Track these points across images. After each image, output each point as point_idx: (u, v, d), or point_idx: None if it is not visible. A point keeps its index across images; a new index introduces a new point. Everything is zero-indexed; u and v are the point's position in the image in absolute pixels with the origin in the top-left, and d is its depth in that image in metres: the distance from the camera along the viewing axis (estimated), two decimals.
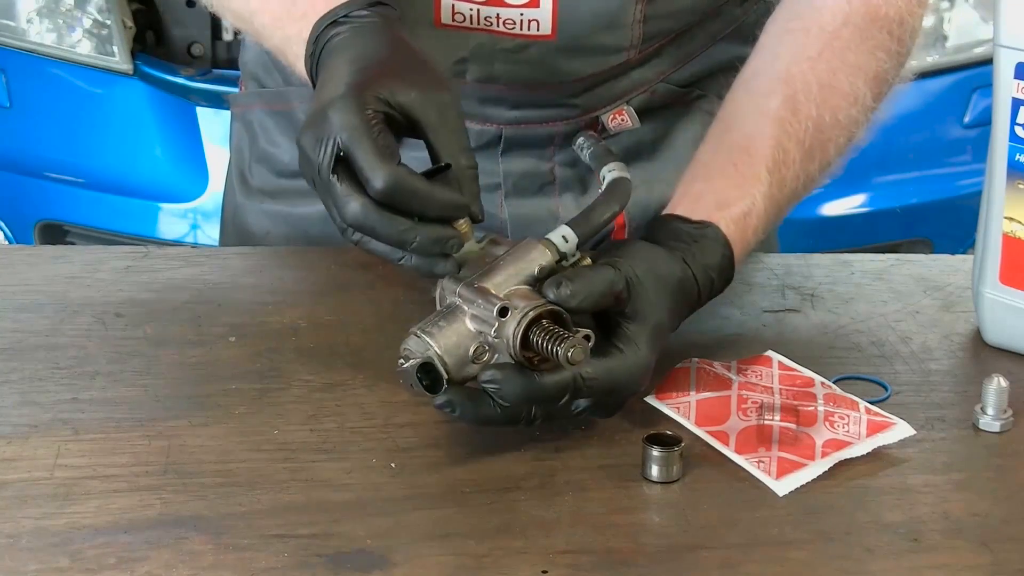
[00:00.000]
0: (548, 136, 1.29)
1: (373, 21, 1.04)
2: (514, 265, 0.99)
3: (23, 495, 0.93)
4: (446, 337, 0.96)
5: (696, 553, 0.89)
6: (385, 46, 1.03)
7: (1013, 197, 1.13)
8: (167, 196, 2.70)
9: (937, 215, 2.76)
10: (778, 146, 1.12)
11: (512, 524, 0.91)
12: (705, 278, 1.05)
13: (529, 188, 1.30)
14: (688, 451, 0.97)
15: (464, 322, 0.97)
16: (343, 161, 0.96)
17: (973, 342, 1.18)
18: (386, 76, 0.99)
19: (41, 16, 2.78)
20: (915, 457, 1.00)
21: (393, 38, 1.04)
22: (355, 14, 1.04)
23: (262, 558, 0.87)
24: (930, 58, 2.76)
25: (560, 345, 0.93)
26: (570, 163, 1.31)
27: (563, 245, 1.00)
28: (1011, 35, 1.10)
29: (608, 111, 1.29)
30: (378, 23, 1.04)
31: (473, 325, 0.97)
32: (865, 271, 1.30)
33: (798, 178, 1.13)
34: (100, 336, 1.14)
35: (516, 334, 0.95)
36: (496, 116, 1.28)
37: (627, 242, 1.15)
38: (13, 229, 2.82)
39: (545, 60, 1.23)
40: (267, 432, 1.01)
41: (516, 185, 1.30)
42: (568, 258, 1.01)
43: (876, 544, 0.90)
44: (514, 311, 0.95)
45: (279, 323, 1.17)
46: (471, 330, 0.97)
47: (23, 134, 2.77)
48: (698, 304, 1.06)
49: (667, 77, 1.30)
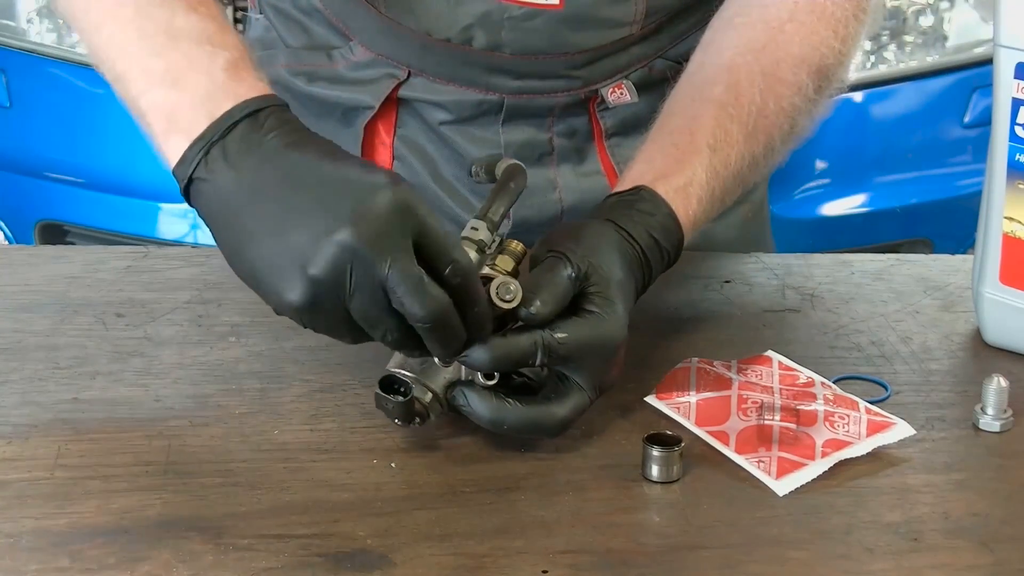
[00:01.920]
0: (548, 107, 1.30)
1: (294, 121, 0.95)
2: None
3: (23, 495, 0.93)
4: (414, 359, 0.98)
5: (696, 553, 0.89)
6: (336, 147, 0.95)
7: (1013, 197, 1.13)
8: (167, 196, 2.69)
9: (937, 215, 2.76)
10: (719, 126, 1.13)
11: (512, 524, 0.91)
12: (646, 238, 1.04)
13: (528, 158, 1.31)
14: (688, 451, 0.97)
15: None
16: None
17: (973, 342, 1.18)
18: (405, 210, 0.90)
19: (41, 16, 2.78)
20: (915, 457, 1.00)
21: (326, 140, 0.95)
22: (277, 110, 0.94)
23: (262, 558, 0.87)
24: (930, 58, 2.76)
25: (488, 289, 0.94)
26: (568, 134, 1.32)
27: (474, 235, 1.00)
28: (1011, 35, 1.10)
29: (608, 85, 1.30)
30: (298, 124, 0.95)
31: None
32: (865, 271, 1.31)
33: (743, 158, 1.13)
34: (100, 336, 1.14)
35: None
36: (500, 85, 1.28)
37: (560, 225, 1.14)
38: (13, 229, 2.82)
39: (551, 30, 1.24)
40: (267, 432, 1.01)
41: (516, 155, 1.30)
42: (488, 245, 1.00)
43: (876, 544, 0.90)
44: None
45: (279, 323, 1.17)
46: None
47: (23, 134, 2.77)
48: (647, 264, 1.04)
49: (664, 52, 1.31)
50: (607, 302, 0.98)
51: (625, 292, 1.00)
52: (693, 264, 1.27)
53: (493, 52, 1.26)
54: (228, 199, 0.92)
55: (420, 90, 1.30)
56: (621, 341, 0.99)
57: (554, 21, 1.24)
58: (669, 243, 1.06)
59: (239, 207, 0.91)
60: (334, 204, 0.88)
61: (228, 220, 0.92)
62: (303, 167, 0.91)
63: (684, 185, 1.09)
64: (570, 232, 1.03)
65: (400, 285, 0.88)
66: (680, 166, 1.10)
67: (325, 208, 0.88)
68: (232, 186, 0.92)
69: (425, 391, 0.97)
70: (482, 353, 0.94)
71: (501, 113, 1.30)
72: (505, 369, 0.96)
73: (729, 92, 1.15)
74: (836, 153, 2.73)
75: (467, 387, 0.97)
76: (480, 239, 1.00)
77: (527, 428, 0.97)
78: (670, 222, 1.06)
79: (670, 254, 1.07)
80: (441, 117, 1.31)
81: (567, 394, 0.97)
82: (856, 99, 2.72)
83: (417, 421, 0.98)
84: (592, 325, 0.97)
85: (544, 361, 0.96)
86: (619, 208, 1.06)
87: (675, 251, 1.07)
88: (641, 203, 1.06)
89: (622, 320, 0.99)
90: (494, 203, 1.02)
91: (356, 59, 1.31)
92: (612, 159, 1.33)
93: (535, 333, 0.95)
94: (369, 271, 0.88)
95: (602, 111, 1.31)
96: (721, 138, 1.12)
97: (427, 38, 1.26)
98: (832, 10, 1.19)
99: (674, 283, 1.13)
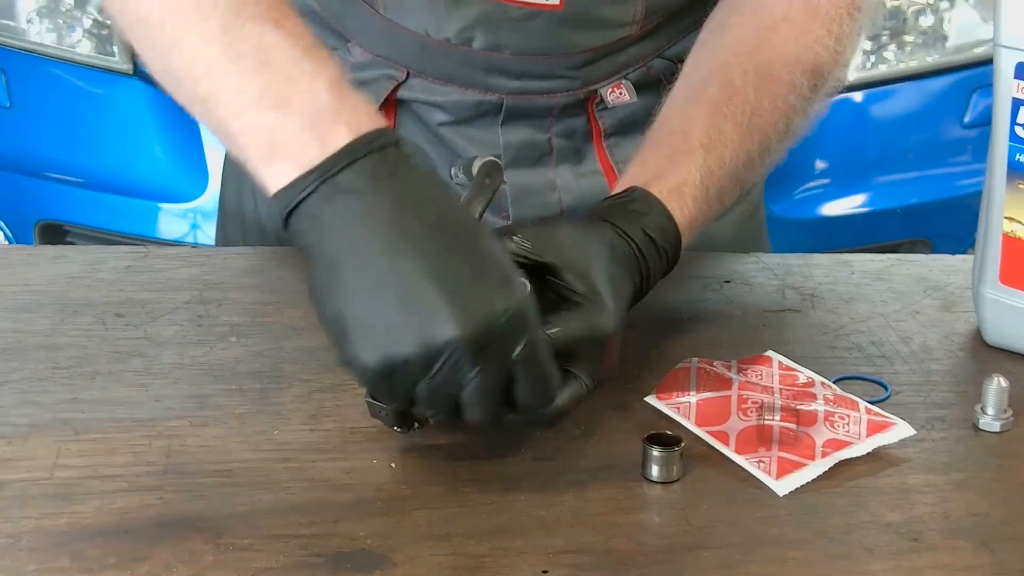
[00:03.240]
0: (547, 107, 1.30)
1: (419, 162, 0.91)
2: None
3: (23, 495, 0.93)
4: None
5: (696, 553, 0.89)
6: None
7: (1013, 197, 1.13)
8: (167, 196, 2.70)
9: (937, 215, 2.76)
10: (712, 126, 1.13)
11: (512, 524, 0.91)
12: (641, 236, 1.04)
13: (527, 159, 1.31)
14: (688, 451, 0.97)
15: None
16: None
17: (973, 342, 1.18)
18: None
19: (41, 16, 2.78)
20: (915, 457, 1.00)
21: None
22: (400, 144, 0.90)
23: (262, 558, 0.87)
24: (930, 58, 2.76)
25: None
26: (567, 134, 1.32)
27: None
28: (1011, 35, 1.10)
29: (607, 85, 1.30)
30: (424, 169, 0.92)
31: None
32: (865, 271, 1.31)
33: (738, 156, 1.13)
34: (100, 336, 1.14)
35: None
36: (499, 86, 1.28)
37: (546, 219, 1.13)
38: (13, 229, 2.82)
39: (551, 31, 1.24)
40: (267, 432, 1.01)
41: (516, 155, 1.30)
42: None
43: (876, 544, 0.90)
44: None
45: (279, 323, 1.17)
46: None
47: (23, 134, 2.77)
48: (644, 262, 1.04)
49: (662, 52, 1.31)
50: (590, 289, 0.97)
51: (615, 283, 1.00)
52: (693, 264, 1.27)
53: (493, 53, 1.26)
54: (346, 236, 0.87)
55: (419, 91, 1.30)
56: (612, 330, 0.98)
57: (554, 21, 1.24)
58: (666, 241, 1.06)
59: (355, 249, 0.87)
60: (461, 296, 0.85)
61: (338, 260, 0.87)
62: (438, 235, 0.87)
63: (678, 185, 1.09)
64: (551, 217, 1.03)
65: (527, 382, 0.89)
66: (674, 166, 1.10)
67: (448, 298, 0.85)
68: (357, 222, 0.87)
69: None
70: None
71: (500, 114, 1.30)
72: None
73: (723, 92, 1.14)
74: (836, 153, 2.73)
75: None
76: None
77: (525, 420, 0.96)
78: (665, 221, 1.06)
79: (668, 252, 1.06)
80: (440, 118, 1.31)
81: (564, 385, 0.96)
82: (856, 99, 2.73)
83: (416, 426, 0.98)
84: (580, 316, 0.97)
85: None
86: (612, 209, 1.06)
87: (673, 250, 1.07)
88: (634, 203, 1.06)
89: (610, 309, 0.98)
90: (472, 202, 1.02)
91: (354, 60, 1.30)
92: (611, 159, 1.33)
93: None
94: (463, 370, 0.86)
95: (601, 111, 1.31)
96: (715, 137, 1.12)
97: (426, 39, 1.26)
98: (826, 8, 1.19)
99: (674, 283, 1.13)
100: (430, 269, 0.86)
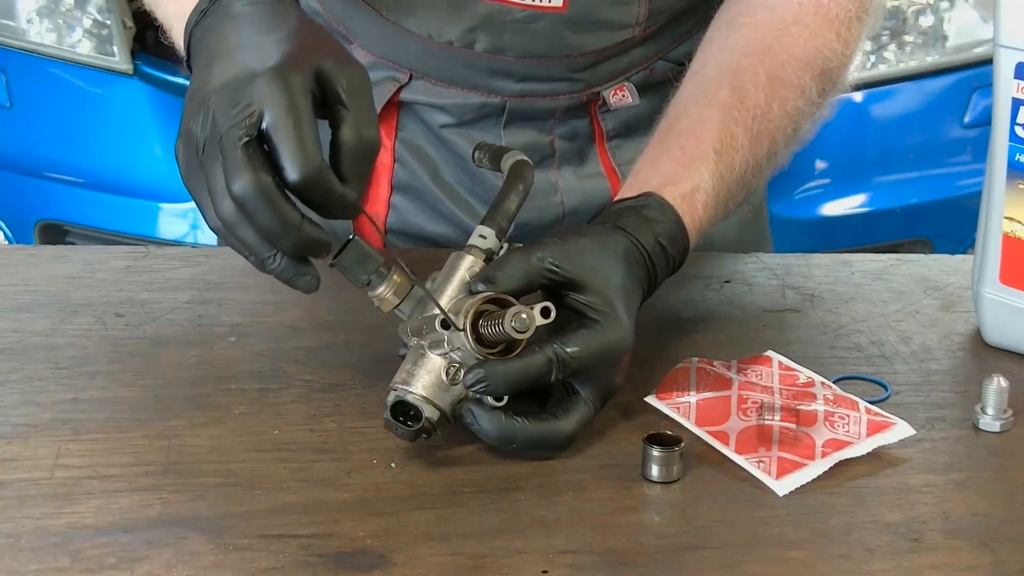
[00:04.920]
0: (550, 110, 1.30)
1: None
2: (448, 283, 1.00)
3: (23, 495, 0.93)
4: (421, 378, 0.97)
5: (696, 553, 0.89)
6: (300, 20, 0.99)
7: (1013, 197, 1.13)
8: (167, 196, 2.70)
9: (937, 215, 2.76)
10: (725, 130, 1.12)
11: (512, 524, 0.91)
12: (653, 244, 1.04)
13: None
14: (688, 451, 0.97)
15: (428, 356, 0.97)
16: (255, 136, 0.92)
17: (973, 342, 1.18)
18: (312, 52, 0.95)
19: (41, 16, 2.78)
20: (915, 457, 1.00)
21: (302, 15, 1.01)
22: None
23: (262, 558, 0.87)
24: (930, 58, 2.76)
25: (503, 321, 0.93)
26: (569, 136, 1.32)
27: (483, 243, 1.00)
28: (1011, 35, 1.10)
29: (609, 87, 1.30)
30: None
31: (435, 352, 0.97)
32: (865, 271, 1.31)
33: (747, 162, 1.13)
34: (100, 336, 1.14)
35: (468, 336, 0.95)
36: (502, 88, 1.28)
37: (559, 227, 1.13)
38: (13, 229, 2.82)
39: (553, 33, 1.24)
40: (267, 432, 1.01)
41: None
42: (496, 253, 1.01)
43: (876, 544, 0.90)
44: (457, 317, 0.95)
45: (279, 323, 1.17)
46: (436, 358, 0.97)
47: (23, 134, 2.77)
48: (653, 270, 1.04)
49: (665, 54, 1.31)
50: (609, 307, 0.98)
51: (629, 298, 1.00)
52: (693, 264, 1.27)
53: (495, 55, 1.26)
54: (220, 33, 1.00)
55: (421, 93, 1.30)
56: (628, 348, 0.99)
57: (557, 24, 1.24)
58: (675, 250, 1.06)
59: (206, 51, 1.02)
60: (243, 57, 0.96)
61: (214, 44, 1.01)
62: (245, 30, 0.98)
63: (691, 191, 1.09)
64: (568, 229, 1.03)
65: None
66: (687, 171, 1.10)
67: (239, 51, 0.97)
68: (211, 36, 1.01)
69: (434, 410, 0.97)
70: (499, 377, 0.94)
71: (503, 116, 1.30)
72: (522, 390, 0.96)
73: (734, 95, 1.14)
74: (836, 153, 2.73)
75: (475, 405, 0.97)
76: (488, 247, 1.00)
77: (536, 445, 0.97)
78: (677, 229, 1.06)
79: (675, 260, 1.07)
80: (442, 120, 1.31)
81: (573, 408, 0.98)
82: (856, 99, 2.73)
83: (424, 436, 0.98)
84: (598, 334, 0.97)
85: (559, 377, 0.96)
86: (626, 214, 1.06)
87: (680, 257, 1.07)
88: (648, 209, 1.06)
89: (627, 326, 0.99)
90: (502, 205, 1.02)
91: None
92: (613, 161, 1.33)
93: (548, 350, 0.95)
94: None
95: (603, 113, 1.31)
96: (727, 143, 1.12)
97: (429, 41, 1.26)
98: (836, 12, 1.18)
99: (674, 283, 1.13)
100: (270, 35, 0.97)
